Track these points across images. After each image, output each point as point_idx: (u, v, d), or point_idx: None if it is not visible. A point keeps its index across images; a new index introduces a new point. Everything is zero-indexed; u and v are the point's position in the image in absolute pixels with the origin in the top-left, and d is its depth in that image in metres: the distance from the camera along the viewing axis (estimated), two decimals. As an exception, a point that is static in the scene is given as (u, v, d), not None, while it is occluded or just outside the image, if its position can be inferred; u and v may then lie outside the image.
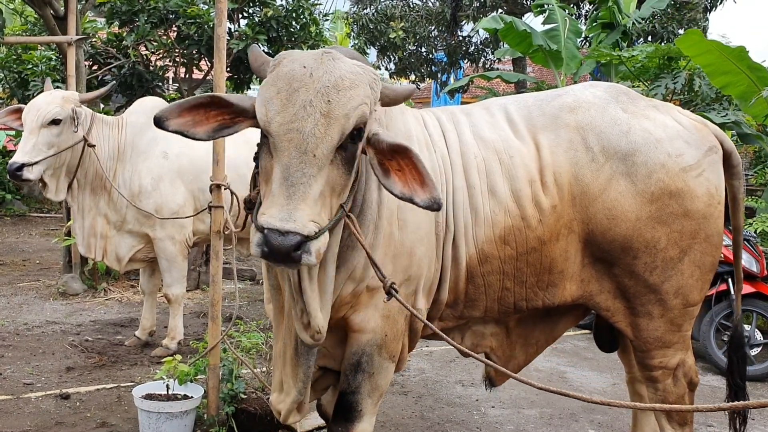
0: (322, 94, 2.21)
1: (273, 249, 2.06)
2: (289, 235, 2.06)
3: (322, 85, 2.22)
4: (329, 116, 2.20)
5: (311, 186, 2.15)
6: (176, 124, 2.37)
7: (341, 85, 2.24)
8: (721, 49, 7.04)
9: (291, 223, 2.07)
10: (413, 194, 2.34)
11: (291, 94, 2.21)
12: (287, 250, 2.06)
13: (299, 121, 2.17)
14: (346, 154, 2.27)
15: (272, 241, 2.06)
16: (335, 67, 2.28)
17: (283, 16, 9.12)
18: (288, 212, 2.10)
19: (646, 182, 2.92)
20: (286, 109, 2.20)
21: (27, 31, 10.65)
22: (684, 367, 3.17)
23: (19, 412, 4.27)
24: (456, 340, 3.22)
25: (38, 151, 4.86)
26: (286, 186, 2.14)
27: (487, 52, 17.61)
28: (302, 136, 2.16)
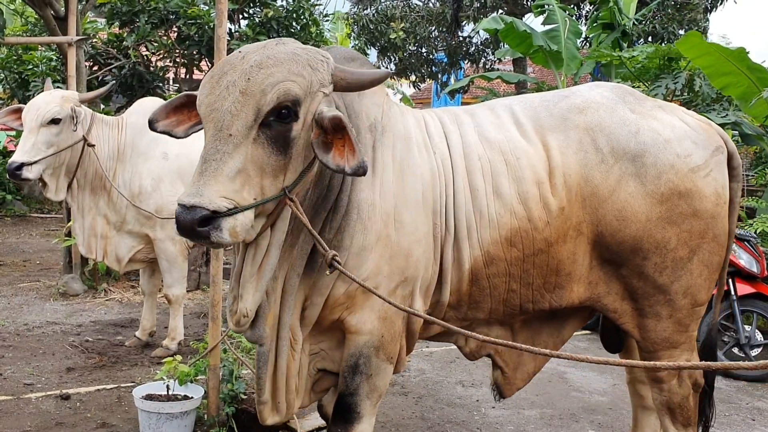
0: (245, 73, 2.25)
1: (178, 224, 2.12)
2: (195, 209, 2.10)
3: (249, 65, 2.26)
4: (246, 93, 2.23)
5: (225, 162, 2.17)
6: (163, 125, 2.48)
7: (265, 64, 2.27)
8: (721, 50, 7.05)
9: (197, 198, 2.11)
10: (345, 164, 2.33)
11: (220, 78, 2.27)
12: (190, 224, 2.10)
13: (220, 101, 2.23)
14: (272, 133, 2.27)
15: (178, 216, 2.11)
16: (270, 49, 2.32)
17: (284, 16, 9.14)
18: (197, 188, 2.14)
19: (655, 183, 2.91)
20: (213, 92, 2.27)
21: (27, 31, 10.67)
22: None
23: (19, 412, 4.27)
24: (460, 341, 3.21)
25: (38, 151, 4.86)
26: (201, 163, 2.19)
27: (488, 53, 17.63)
28: (220, 115, 2.22)
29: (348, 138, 2.33)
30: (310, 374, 2.95)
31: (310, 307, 2.74)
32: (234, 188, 2.17)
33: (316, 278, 2.70)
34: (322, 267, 2.67)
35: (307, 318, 2.77)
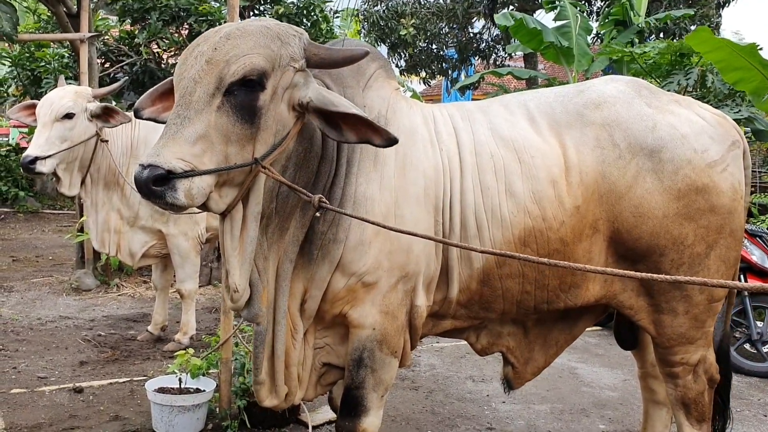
0: (214, 43, 2.29)
1: (136, 182, 2.15)
2: (150, 167, 2.14)
3: (219, 36, 2.30)
4: (210, 62, 2.27)
5: (185, 127, 2.21)
6: (149, 112, 2.50)
7: (233, 35, 2.31)
8: (732, 46, 7.00)
9: (154, 158, 2.15)
10: (369, 138, 2.41)
11: (193, 49, 2.31)
12: (145, 182, 2.14)
13: (188, 70, 2.27)
14: (237, 102, 2.29)
15: (135, 176, 2.15)
16: (243, 23, 2.37)
17: (294, 13, 9.17)
18: (156, 149, 2.18)
19: (672, 179, 2.88)
20: (185, 62, 2.30)
21: (40, 28, 10.73)
22: (705, 363, 3.14)
23: (33, 405, 4.31)
24: (471, 338, 3.20)
25: (51, 145, 4.89)
26: (165, 128, 2.24)
27: (498, 49, 17.60)
28: (185, 83, 2.26)
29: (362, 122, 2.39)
30: (316, 368, 2.95)
31: (310, 300, 2.76)
32: (193, 152, 2.21)
33: (313, 270, 2.71)
34: (318, 259, 2.69)
35: (307, 311, 2.78)
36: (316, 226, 2.67)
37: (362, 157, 2.73)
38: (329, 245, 2.67)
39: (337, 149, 2.72)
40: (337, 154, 2.72)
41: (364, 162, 2.72)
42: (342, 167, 2.70)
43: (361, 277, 2.72)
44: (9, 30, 6.62)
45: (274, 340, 2.74)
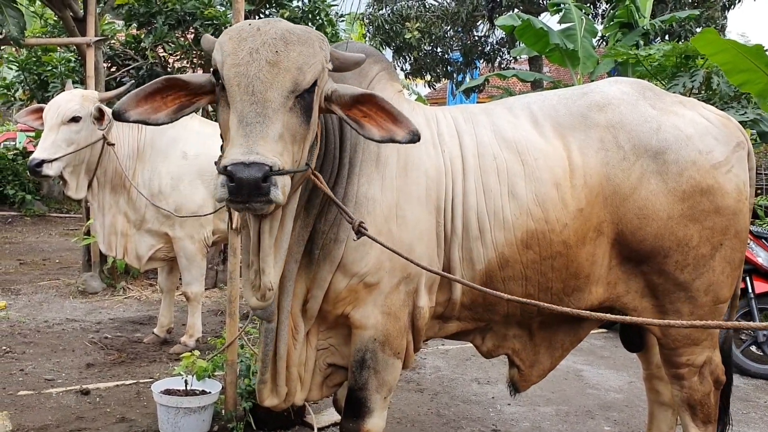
0: (268, 44, 2.27)
1: (241, 183, 2.06)
2: (255, 165, 2.07)
3: (269, 37, 2.29)
4: (277, 65, 2.26)
5: (268, 126, 2.19)
6: (137, 114, 2.42)
7: (289, 39, 2.31)
8: (738, 47, 6.99)
9: (254, 155, 2.10)
10: (392, 134, 2.41)
11: (240, 42, 2.28)
12: (255, 181, 2.06)
13: (245, 66, 2.24)
14: (304, 104, 2.32)
15: (238, 174, 2.05)
16: (280, 24, 2.37)
17: (300, 17, 9.18)
18: (248, 147, 2.12)
19: (677, 180, 2.88)
20: (235, 53, 2.27)
21: (47, 33, 10.79)
22: (710, 364, 3.13)
23: (40, 407, 4.33)
24: (476, 341, 3.20)
25: (58, 148, 4.92)
26: (243, 127, 2.18)
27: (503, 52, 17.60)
28: (248, 80, 2.23)
29: (381, 108, 2.42)
30: (320, 369, 2.96)
31: (312, 300, 2.76)
32: (278, 150, 2.20)
33: (315, 271, 2.71)
34: (320, 259, 2.69)
35: (309, 311, 2.79)
36: (317, 225, 2.68)
37: (364, 157, 2.74)
38: (330, 245, 2.68)
39: (340, 149, 2.73)
40: (340, 153, 2.73)
41: (366, 162, 2.74)
42: (345, 167, 2.71)
43: (363, 278, 2.73)
44: (16, 34, 6.65)
45: (277, 340, 2.75)
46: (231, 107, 2.25)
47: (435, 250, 2.83)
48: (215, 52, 2.33)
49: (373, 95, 2.44)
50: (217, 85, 2.34)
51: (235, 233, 3.99)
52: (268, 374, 2.81)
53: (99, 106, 5.04)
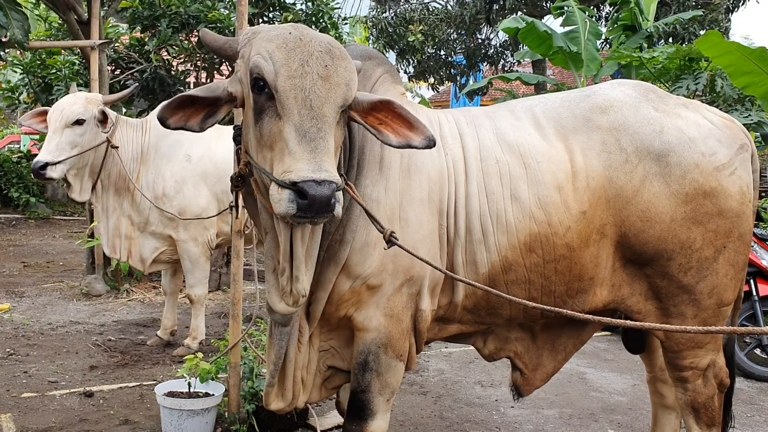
0: (316, 57, 2.27)
1: (314, 200, 2.06)
2: (325, 183, 2.08)
3: (315, 49, 2.28)
4: (328, 80, 2.26)
5: (327, 141, 2.20)
6: (174, 122, 2.43)
7: (335, 54, 2.32)
8: (742, 50, 6.99)
9: (324, 172, 2.10)
10: (409, 140, 2.45)
11: (289, 52, 2.26)
12: (327, 198, 2.08)
13: (299, 78, 2.23)
14: (345, 118, 2.37)
15: (311, 192, 2.06)
16: (317, 34, 2.37)
17: (303, 20, 9.19)
18: (317, 164, 2.12)
19: (680, 183, 2.87)
20: (288, 64, 2.24)
21: (51, 36, 10.81)
22: (714, 367, 3.12)
23: (44, 409, 4.34)
24: (478, 344, 3.19)
25: (61, 151, 4.94)
26: (306, 141, 2.16)
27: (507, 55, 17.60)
28: (305, 93, 2.22)
29: (397, 115, 2.46)
30: (320, 371, 2.96)
31: (315, 302, 2.76)
32: (335, 165, 2.23)
33: (319, 272, 2.71)
34: (324, 260, 2.69)
35: (312, 313, 2.79)
36: (324, 226, 2.68)
37: (368, 159, 2.74)
38: (336, 246, 2.68)
39: (349, 152, 2.73)
40: (349, 155, 2.73)
41: (370, 164, 2.74)
42: (353, 169, 2.70)
43: (366, 280, 2.73)
44: (20, 37, 6.68)
45: (288, 343, 2.75)
46: (284, 119, 2.21)
47: (438, 253, 2.83)
48: (260, 59, 2.27)
49: (390, 102, 2.46)
50: (258, 93, 2.28)
51: (238, 236, 4.00)
52: (277, 377, 2.81)
53: (102, 108, 5.06)
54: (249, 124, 2.38)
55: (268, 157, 2.26)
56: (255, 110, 2.31)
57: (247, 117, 2.40)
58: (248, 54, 2.35)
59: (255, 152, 2.34)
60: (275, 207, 2.14)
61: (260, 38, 2.33)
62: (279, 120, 2.23)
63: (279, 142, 2.22)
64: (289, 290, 2.49)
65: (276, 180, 2.14)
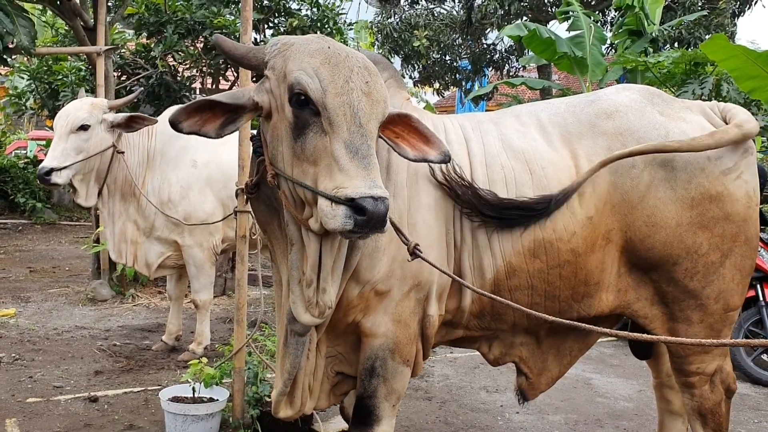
0: (358, 73, 2.28)
1: (373, 217, 2.09)
2: (381, 200, 2.12)
3: (354, 64, 2.30)
4: (370, 96, 2.28)
5: (375, 158, 2.23)
6: (188, 126, 2.40)
7: (371, 70, 2.34)
8: (748, 53, 6.96)
9: (380, 189, 2.14)
10: (425, 154, 2.51)
11: (333, 68, 2.26)
12: (384, 215, 2.11)
13: (346, 95, 2.24)
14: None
15: (370, 208, 2.09)
16: (351, 50, 2.39)
17: (308, 26, 9.22)
18: (372, 180, 2.15)
19: (686, 187, 2.86)
20: (334, 81, 2.24)
21: (58, 42, 10.87)
22: (721, 373, 3.10)
23: (48, 414, 4.34)
24: (483, 348, 3.18)
25: (67, 156, 4.96)
26: (359, 158, 2.18)
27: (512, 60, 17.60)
28: (352, 110, 2.23)
29: (414, 129, 2.51)
30: (328, 377, 2.96)
31: None
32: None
33: None
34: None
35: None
36: None
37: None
38: (348, 252, 2.66)
39: None
40: None
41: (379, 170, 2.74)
42: None
43: (375, 285, 2.73)
44: (27, 44, 6.70)
45: (290, 344, 2.75)
46: (333, 135, 2.21)
47: (446, 258, 2.83)
48: (303, 75, 2.25)
49: (407, 116, 2.50)
50: (299, 108, 2.27)
51: (243, 241, 4.00)
52: (299, 390, 2.82)
53: (133, 115, 5.09)
54: (281, 137, 2.36)
55: (310, 172, 2.25)
56: (295, 125, 2.29)
57: (278, 130, 2.37)
58: (281, 66, 2.34)
59: (289, 166, 2.33)
60: (328, 222, 2.14)
61: (298, 52, 2.32)
62: (325, 136, 2.23)
63: (325, 158, 2.21)
64: (315, 302, 2.49)
65: (327, 195, 2.15)
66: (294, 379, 2.79)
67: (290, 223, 2.46)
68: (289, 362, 2.73)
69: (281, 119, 2.35)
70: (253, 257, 5.39)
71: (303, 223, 2.36)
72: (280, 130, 2.37)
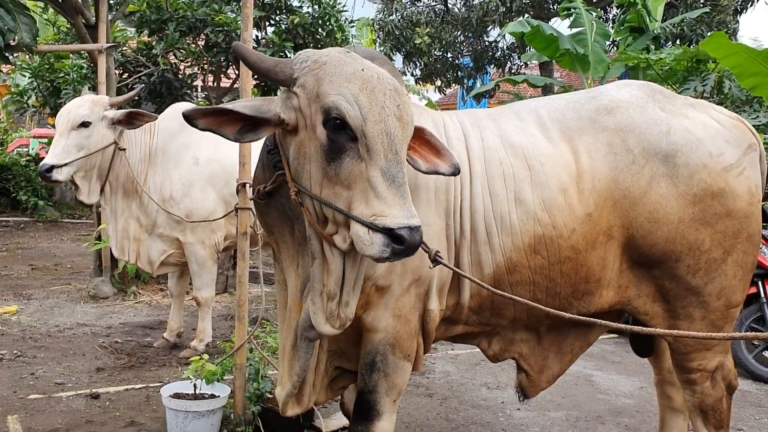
0: (391, 97, 2.28)
1: (410, 246, 2.14)
2: (416, 229, 2.16)
3: (386, 87, 2.29)
4: (402, 120, 2.29)
5: (407, 185, 2.25)
6: (203, 124, 2.36)
7: (399, 90, 2.34)
8: (749, 51, 6.96)
9: (415, 219, 2.17)
10: (436, 167, 2.56)
11: (371, 94, 2.25)
12: (419, 244, 2.17)
13: (383, 122, 2.23)
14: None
15: (409, 239, 2.13)
16: (379, 69, 2.38)
17: (309, 23, 9.20)
18: (408, 210, 2.18)
19: (688, 183, 2.85)
20: (372, 108, 2.24)
21: (59, 40, 10.88)
22: (723, 369, 3.10)
23: (50, 410, 4.35)
24: (483, 344, 3.18)
25: (68, 153, 4.96)
26: (396, 187, 2.20)
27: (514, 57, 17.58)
28: (390, 138, 2.23)
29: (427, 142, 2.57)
30: (328, 371, 2.97)
31: None
32: None
33: None
34: None
35: None
36: None
37: None
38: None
39: None
40: None
41: None
42: None
43: (375, 281, 2.73)
44: (29, 41, 6.71)
45: (299, 348, 2.75)
46: (370, 162, 2.21)
47: (446, 253, 2.83)
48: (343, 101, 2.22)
49: (421, 129, 2.53)
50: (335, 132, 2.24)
51: (244, 238, 4.00)
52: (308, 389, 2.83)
53: (132, 111, 5.08)
54: (309, 155, 2.33)
55: (343, 195, 2.24)
56: (329, 148, 2.26)
57: (306, 148, 2.34)
58: (313, 86, 2.30)
59: (317, 185, 2.31)
60: (365, 249, 2.17)
61: (332, 74, 2.29)
62: (361, 162, 2.22)
63: (361, 184, 2.22)
64: (337, 314, 2.49)
65: (365, 223, 2.17)
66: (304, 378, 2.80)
67: (313, 238, 2.43)
68: (299, 365, 2.73)
69: (310, 139, 2.32)
70: (254, 254, 5.38)
71: (327, 239, 2.35)
72: (308, 149, 2.33)
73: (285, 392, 2.83)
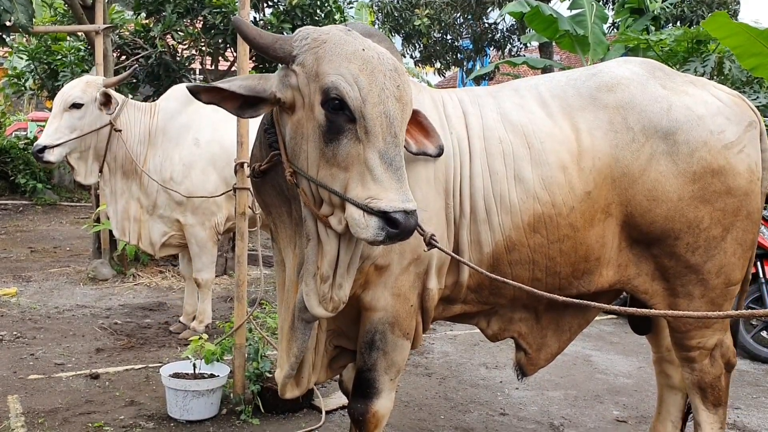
0: (390, 77, 2.26)
1: (405, 229, 2.14)
2: (412, 213, 2.16)
3: (386, 68, 2.27)
4: (401, 100, 2.27)
5: (404, 168, 2.24)
6: (206, 98, 2.36)
7: (399, 69, 2.32)
8: (750, 30, 6.91)
9: (411, 203, 2.17)
10: (425, 148, 2.60)
11: (371, 75, 2.23)
12: (414, 228, 2.17)
13: (382, 104, 2.21)
14: None
15: (404, 222, 2.13)
16: (378, 47, 2.35)
17: (308, 4, 9.13)
18: (404, 194, 2.17)
19: (688, 161, 2.84)
20: (371, 89, 2.21)
21: (56, 22, 10.79)
22: (722, 347, 3.11)
23: (50, 390, 4.37)
24: (482, 324, 3.17)
25: (60, 134, 4.96)
26: (393, 170, 2.19)
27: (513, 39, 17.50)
28: (389, 120, 2.22)
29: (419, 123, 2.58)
30: (327, 351, 2.97)
31: None
32: None
33: None
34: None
35: None
36: None
37: None
38: None
39: None
40: None
41: None
42: None
43: (374, 260, 2.72)
44: (25, 22, 6.65)
45: (297, 329, 2.74)
46: (368, 144, 2.19)
47: (445, 232, 2.82)
48: (342, 81, 2.20)
49: (416, 111, 2.53)
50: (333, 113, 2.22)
51: (242, 218, 3.99)
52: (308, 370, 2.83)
53: (105, 90, 5.05)
54: (306, 135, 2.31)
55: (339, 177, 2.23)
56: (327, 129, 2.24)
57: (303, 128, 2.32)
58: (312, 65, 2.27)
59: (314, 167, 2.29)
60: (359, 232, 2.17)
61: (332, 53, 2.26)
62: (358, 144, 2.21)
63: (358, 166, 2.21)
64: (330, 297, 2.48)
65: (360, 205, 2.16)
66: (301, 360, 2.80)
67: (308, 219, 2.42)
68: (297, 346, 2.72)
69: (308, 118, 2.30)
70: (253, 236, 5.38)
71: (322, 220, 2.34)
72: (305, 129, 2.31)
73: (283, 374, 2.83)
